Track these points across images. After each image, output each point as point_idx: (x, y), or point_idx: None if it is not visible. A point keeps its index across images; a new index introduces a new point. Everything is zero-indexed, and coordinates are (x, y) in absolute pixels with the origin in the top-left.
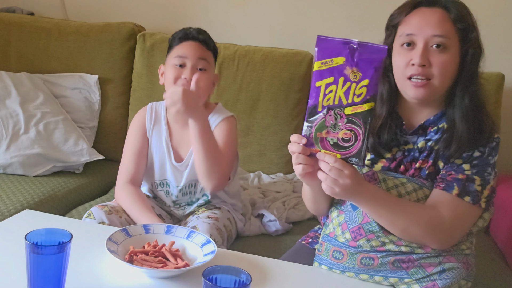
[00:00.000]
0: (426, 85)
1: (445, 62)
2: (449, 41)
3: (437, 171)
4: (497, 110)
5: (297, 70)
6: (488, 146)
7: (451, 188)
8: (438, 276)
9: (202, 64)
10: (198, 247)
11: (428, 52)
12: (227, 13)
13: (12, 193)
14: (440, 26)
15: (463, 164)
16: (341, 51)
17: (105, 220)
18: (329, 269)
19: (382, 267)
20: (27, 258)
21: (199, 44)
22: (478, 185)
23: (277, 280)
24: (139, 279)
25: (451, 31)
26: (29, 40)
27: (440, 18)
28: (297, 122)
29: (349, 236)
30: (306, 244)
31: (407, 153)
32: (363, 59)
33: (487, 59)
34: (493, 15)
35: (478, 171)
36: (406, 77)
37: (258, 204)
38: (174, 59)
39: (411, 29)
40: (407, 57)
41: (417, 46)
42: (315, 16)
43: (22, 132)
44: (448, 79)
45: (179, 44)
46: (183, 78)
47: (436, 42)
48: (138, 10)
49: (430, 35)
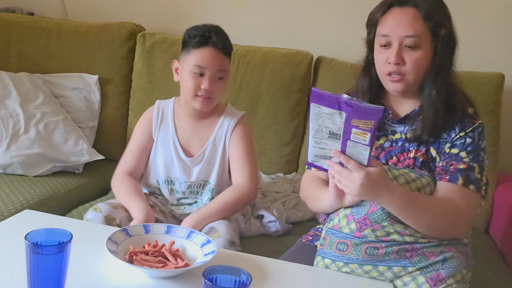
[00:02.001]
0: (401, 80)
1: (418, 59)
2: (421, 39)
3: (430, 159)
4: (497, 110)
5: (297, 70)
6: (476, 131)
7: (456, 179)
8: (441, 266)
9: (220, 74)
10: (198, 247)
11: (402, 50)
12: (227, 13)
13: (12, 193)
14: (411, 27)
15: (459, 152)
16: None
17: (111, 213)
18: (333, 261)
19: (386, 257)
20: (27, 258)
21: (218, 52)
22: (477, 173)
23: (277, 280)
24: (139, 279)
25: (422, 29)
26: (29, 40)
27: (411, 18)
28: (297, 122)
29: (354, 227)
30: (306, 242)
31: (395, 144)
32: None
33: (487, 59)
34: (493, 15)
35: (474, 157)
36: (385, 73)
37: (258, 205)
38: (193, 67)
39: (386, 30)
40: (385, 55)
41: (392, 46)
42: (315, 16)
43: (22, 132)
44: (421, 73)
45: (198, 48)
46: (203, 89)
47: (408, 43)
48: (138, 10)
49: (403, 36)
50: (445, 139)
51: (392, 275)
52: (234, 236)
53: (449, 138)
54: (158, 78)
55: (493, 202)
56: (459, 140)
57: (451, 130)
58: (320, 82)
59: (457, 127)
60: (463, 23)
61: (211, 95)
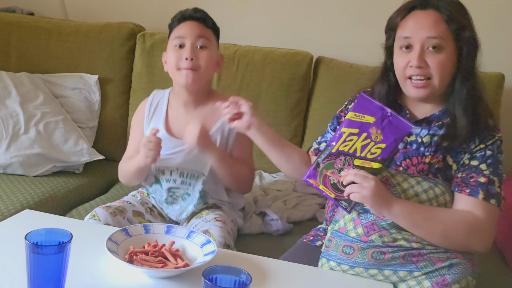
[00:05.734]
0: (426, 85)
1: (442, 61)
2: (444, 41)
3: (446, 166)
4: (497, 110)
5: (297, 70)
6: (495, 144)
7: (476, 193)
8: (447, 271)
9: (202, 42)
10: (198, 247)
11: (424, 53)
12: (227, 13)
13: (12, 193)
14: (434, 28)
15: (479, 165)
16: (375, 113)
17: (110, 222)
18: (338, 264)
19: (393, 261)
20: (27, 258)
21: (197, 22)
22: (498, 187)
23: (277, 280)
24: (139, 279)
25: (445, 32)
26: (29, 40)
27: (434, 20)
28: (297, 122)
29: (362, 231)
30: (307, 242)
31: (409, 146)
32: (389, 127)
33: (487, 59)
34: (493, 15)
35: (493, 170)
36: (406, 77)
37: (259, 202)
38: (173, 40)
39: (407, 32)
40: (406, 58)
41: (414, 48)
42: (315, 16)
43: (22, 132)
44: (446, 77)
45: (177, 26)
46: (184, 59)
47: (431, 44)
48: (138, 10)
49: (425, 37)
50: (464, 149)
51: (397, 279)
52: (228, 239)
53: (468, 149)
54: (158, 78)
55: None
56: (479, 152)
57: (471, 140)
58: (320, 82)
59: (476, 138)
60: None
61: (195, 66)
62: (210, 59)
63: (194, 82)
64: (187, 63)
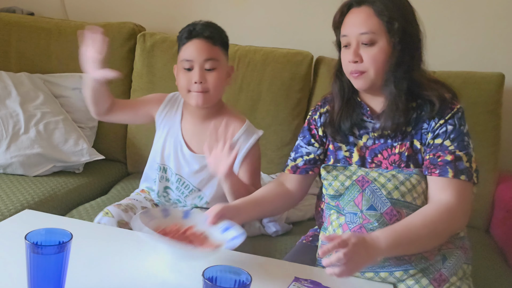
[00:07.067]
0: (361, 77)
1: (374, 55)
2: (376, 35)
3: (415, 152)
4: (498, 110)
5: (298, 70)
6: (456, 116)
7: (446, 172)
8: (442, 265)
9: (210, 64)
10: (219, 232)
11: (359, 48)
12: (227, 13)
13: (12, 193)
14: (365, 24)
15: (443, 141)
16: None
17: (124, 217)
18: None
19: (386, 262)
20: (27, 258)
21: (205, 42)
22: (466, 162)
23: (277, 280)
24: (139, 279)
25: (377, 25)
26: (29, 40)
27: (365, 16)
28: (297, 122)
29: None
30: (307, 243)
31: (378, 141)
32: None
33: (487, 59)
34: (493, 15)
35: (458, 144)
36: (349, 73)
37: None
38: (182, 62)
39: (344, 31)
40: (347, 55)
41: (351, 45)
42: (316, 16)
43: (22, 132)
44: (381, 69)
45: (185, 44)
46: (193, 83)
47: (364, 40)
48: (138, 10)
49: (358, 33)
50: (426, 129)
51: (394, 280)
52: None
53: (430, 128)
54: (158, 78)
55: (494, 201)
56: (441, 129)
57: (431, 119)
58: (320, 82)
59: (436, 116)
60: (463, 23)
61: (205, 89)
62: (219, 80)
63: (205, 103)
64: (197, 86)
